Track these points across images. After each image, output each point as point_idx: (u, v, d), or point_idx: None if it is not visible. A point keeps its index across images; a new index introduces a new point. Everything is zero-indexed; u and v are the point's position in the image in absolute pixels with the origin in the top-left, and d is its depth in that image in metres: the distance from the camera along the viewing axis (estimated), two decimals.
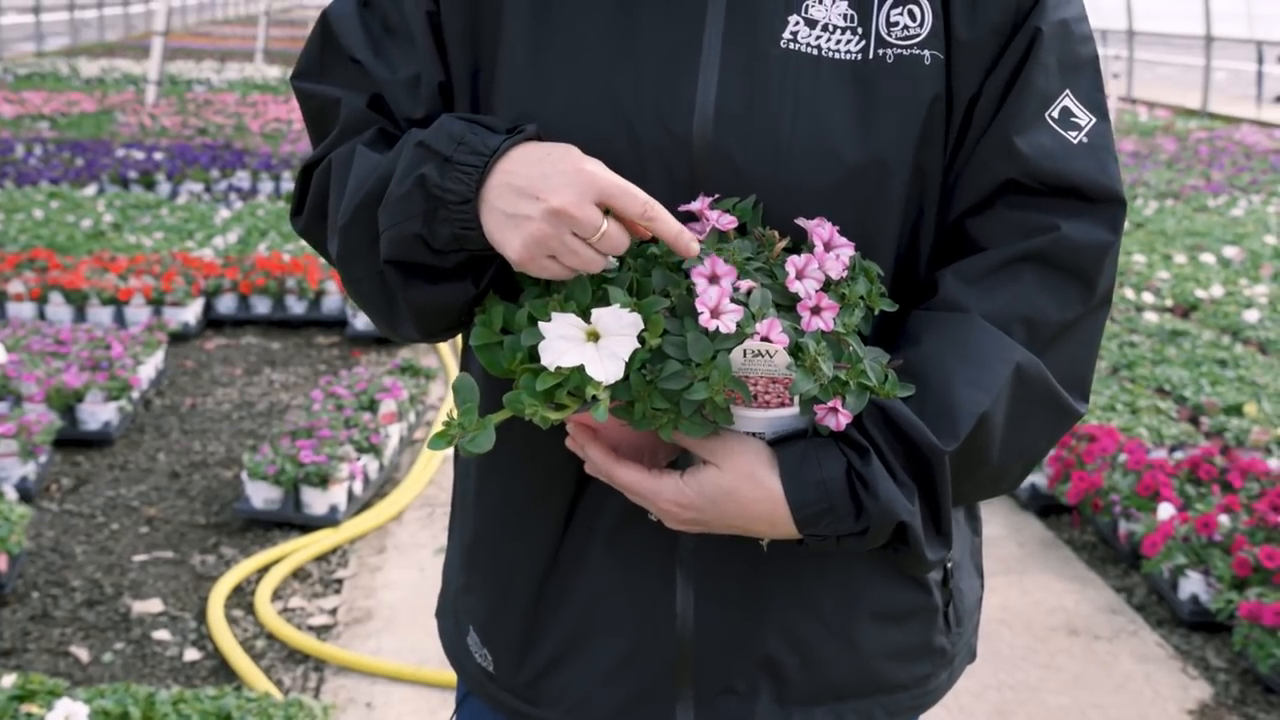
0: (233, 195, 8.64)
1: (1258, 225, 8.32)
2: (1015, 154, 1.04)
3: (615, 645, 1.11)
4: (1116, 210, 1.06)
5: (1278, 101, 16.54)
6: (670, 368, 0.96)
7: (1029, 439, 1.05)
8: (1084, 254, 1.05)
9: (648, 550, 1.09)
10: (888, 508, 0.98)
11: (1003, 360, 1.01)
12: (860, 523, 0.99)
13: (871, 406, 0.99)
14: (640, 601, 1.10)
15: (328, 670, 3.07)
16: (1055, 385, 1.04)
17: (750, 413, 0.98)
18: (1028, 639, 3.28)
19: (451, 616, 1.24)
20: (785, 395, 0.98)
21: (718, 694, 1.11)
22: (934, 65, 1.03)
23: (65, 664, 3.05)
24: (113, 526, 3.81)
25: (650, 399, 0.97)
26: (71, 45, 21.36)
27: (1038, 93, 1.04)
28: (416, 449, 4.46)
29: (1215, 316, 5.87)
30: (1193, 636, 3.29)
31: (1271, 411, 4.46)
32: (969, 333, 1.02)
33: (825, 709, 1.12)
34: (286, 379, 5.26)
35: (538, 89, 1.04)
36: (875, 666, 1.13)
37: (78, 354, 4.69)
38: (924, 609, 1.14)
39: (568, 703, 1.14)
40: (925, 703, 1.17)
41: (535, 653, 1.15)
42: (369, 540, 3.78)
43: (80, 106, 12.55)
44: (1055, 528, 3.94)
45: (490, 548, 1.17)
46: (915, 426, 0.98)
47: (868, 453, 0.98)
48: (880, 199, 1.03)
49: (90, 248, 6.50)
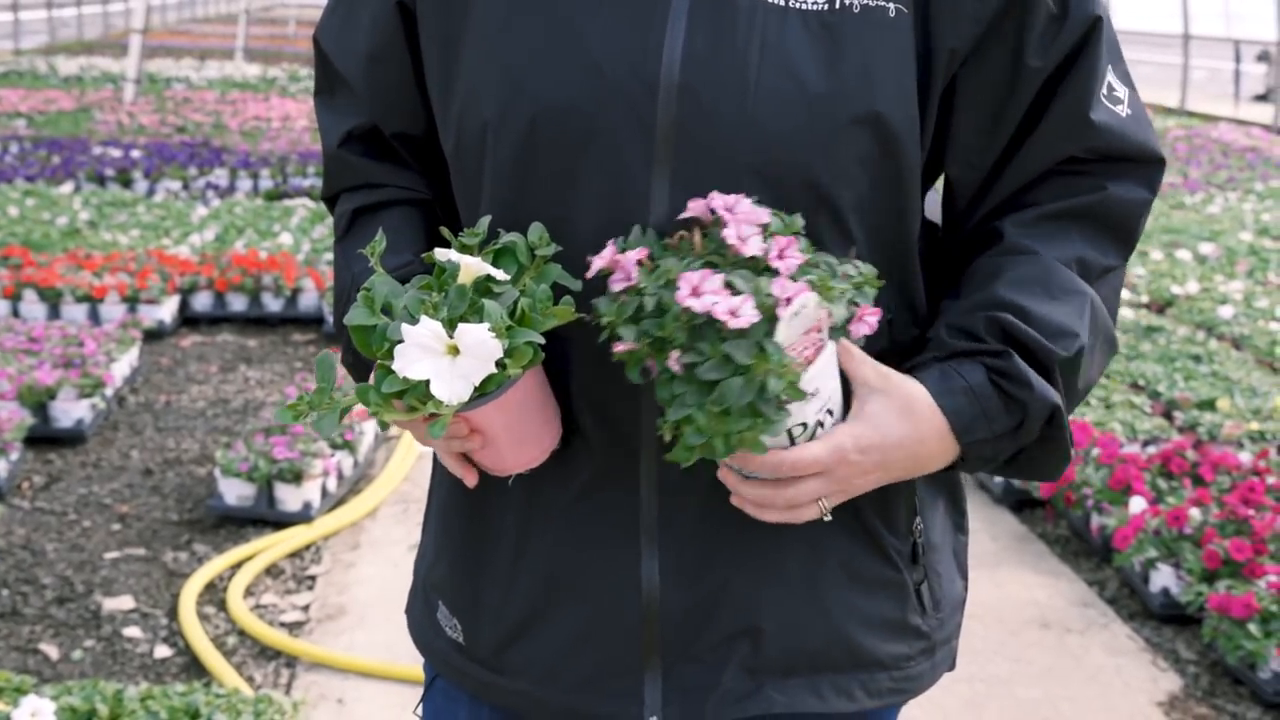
0: (210, 193, 8.61)
1: (1234, 222, 8.37)
2: (1089, 132, 1.11)
3: (580, 615, 1.12)
4: (1156, 169, 1.15)
5: (1255, 100, 16.65)
6: (729, 386, 0.94)
7: (1095, 370, 1.13)
8: (1127, 210, 1.13)
9: (612, 520, 1.10)
10: (1042, 395, 1.05)
11: (1083, 294, 1.10)
12: (1013, 417, 1.05)
13: (989, 322, 1.07)
14: (604, 572, 1.10)
15: (299, 666, 3.06)
16: (1110, 322, 1.14)
17: (804, 374, 0.98)
18: (1000, 632, 3.29)
19: (421, 598, 1.25)
20: (818, 340, 0.99)
21: (685, 664, 1.11)
22: (899, 18, 1.05)
23: (34, 661, 3.03)
24: (84, 524, 3.79)
25: (728, 424, 0.95)
26: (50, 43, 21.25)
27: (1098, 75, 1.10)
28: (391, 446, 4.46)
29: (1191, 313, 5.90)
30: (1163, 629, 3.31)
31: (1244, 406, 4.48)
32: (1048, 271, 1.10)
33: (800, 680, 1.12)
34: (262, 376, 5.24)
35: (509, 42, 1.07)
36: (848, 634, 1.12)
37: (50, 351, 4.66)
38: (893, 582, 1.14)
39: (535, 673, 1.14)
40: (905, 688, 1.17)
41: (502, 620, 1.15)
42: (343, 537, 3.77)
43: (58, 104, 12.50)
44: (1029, 522, 3.96)
45: (461, 515, 1.18)
46: (1032, 336, 1.06)
47: (1004, 354, 1.06)
48: (843, 140, 1.04)
49: (66, 245, 6.47)
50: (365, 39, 1.17)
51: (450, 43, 1.11)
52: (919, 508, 1.16)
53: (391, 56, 1.16)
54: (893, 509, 1.14)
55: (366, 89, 1.17)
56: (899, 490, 1.12)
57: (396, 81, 1.16)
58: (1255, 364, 5.14)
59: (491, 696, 1.18)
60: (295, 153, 9.70)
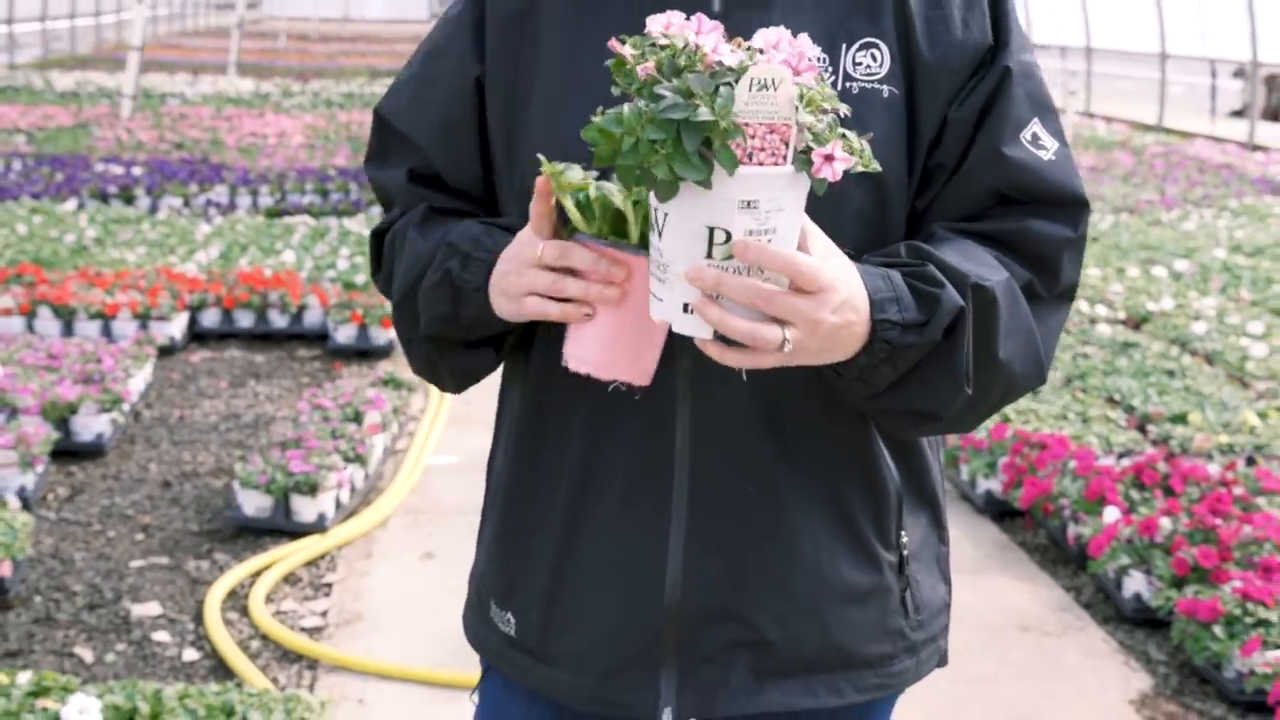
0: (212, 210, 8.78)
1: (1208, 239, 8.59)
2: (1001, 162, 1.22)
3: (613, 611, 1.26)
4: (1079, 211, 1.25)
5: (1232, 115, 16.93)
6: (670, 99, 0.96)
7: (1017, 354, 1.21)
8: (1044, 240, 1.23)
9: (646, 530, 1.24)
10: (951, 296, 1.14)
11: (1002, 271, 1.20)
12: (923, 311, 1.14)
13: (908, 248, 1.17)
14: (636, 576, 1.26)
15: (320, 669, 3.23)
16: (1034, 328, 1.23)
17: (748, 169, 0.98)
18: (983, 636, 3.48)
19: (475, 602, 1.40)
20: (781, 151, 0.99)
21: (698, 663, 1.26)
22: (891, 98, 1.22)
23: (70, 664, 3.21)
24: (109, 534, 3.96)
25: (644, 130, 0.96)
26: (44, 57, 21.35)
27: (1013, 118, 1.23)
28: (400, 458, 4.64)
29: (1165, 328, 6.11)
30: (1136, 632, 3.51)
31: (1214, 419, 4.69)
32: (969, 245, 1.21)
33: (798, 682, 1.27)
34: (271, 391, 5.41)
35: (571, 120, 1.16)
36: (841, 642, 1.28)
37: (70, 367, 4.83)
38: (880, 589, 1.29)
39: (572, 661, 1.30)
40: (891, 684, 1.31)
41: (548, 612, 1.30)
42: (356, 546, 3.95)
43: (56, 120, 12.64)
44: (1009, 531, 4.16)
45: (514, 514, 1.33)
46: (943, 260, 1.16)
47: (921, 264, 1.16)
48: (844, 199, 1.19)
49: (75, 262, 6.65)
50: (439, 110, 1.31)
51: (515, 112, 1.27)
52: (904, 523, 1.32)
53: (465, 125, 1.30)
54: (886, 524, 1.30)
55: (438, 153, 1.31)
56: (890, 509, 1.29)
57: (467, 147, 1.31)
58: (1226, 379, 5.35)
59: (538, 682, 1.33)
60: (293, 169, 9.87)
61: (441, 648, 3.27)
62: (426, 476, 4.47)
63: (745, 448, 1.24)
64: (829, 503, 1.26)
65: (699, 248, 1.02)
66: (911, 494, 1.32)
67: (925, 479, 1.35)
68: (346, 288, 6.28)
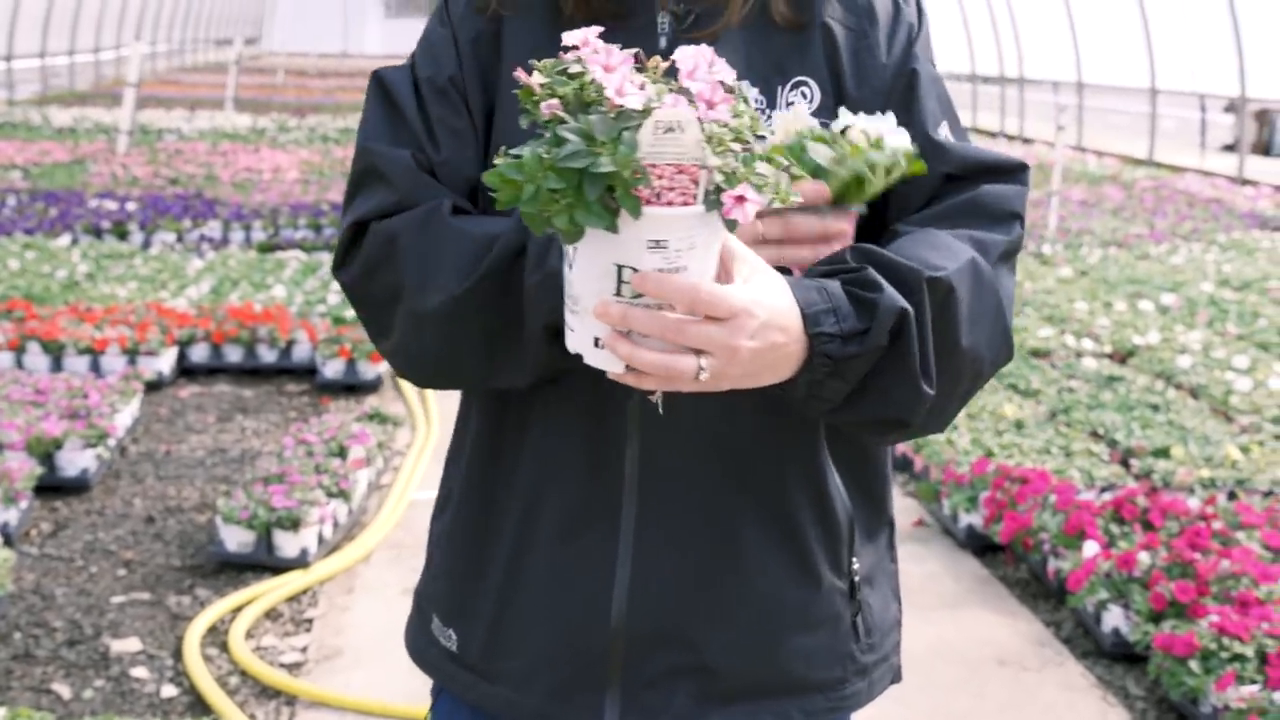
0: (205, 245, 8.83)
1: (1196, 273, 8.63)
2: (936, 146, 1.25)
3: (558, 631, 1.27)
4: (1022, 171, 1.29)
5: (1224, 150, 17.04)
6: (572, 146, 0.93)
7: (983, 338, 1.20)
8: (1002, 195, 1.26)
9: (593, 555, 1.25)
10: (891, 298, 1.10)
11: (961, 251, 1.19)
12: (862, 319, 1.10)
13: (854, 251, 1.15)
14: (582, 599, 1.27)
15: (299, 705, 3.24)
16: (1003, 301, 1.22)
17: (655, 210, 0.96)
18: (961, 670, 3.49)
19: (416, 614, 1.41)
20: (690, 190, 0.97)
21: (641, 688, 1.26)
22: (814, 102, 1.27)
23: (48, 701, 3.21)
24: (91, 569, 3.97)
25: (544, 178, 0.94)
26: (43, 93, 21.50)
27: (931, 110, 1.28)
28: (384, 493, 4.65)
29: (1151, 362, 6.13)
30: (1114, 667, 3.51)
31: (1197, 453, 4.71)
32: (928, 234, 1.21)
33: (742, 707, 1.27)
34: (258, 426, 5.43)
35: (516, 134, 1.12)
36: (789, 668, 1.29)
37: (56, 402, 4.85)
38: (830, 615, 1.29)
39: (515, 679, 1.30)
40: (841, 706, 1.31)
41: (492, 630, 1.31)
42: (338, 581, 3.95)
43: (52, 156, 12.71)
44: (990, 565, 4.17)
45: (464, 536, 1.34)
46: (893, 260, 1.14)
47: (861, 268, 1.13)
48: None
49: (66, 298, 6.68)
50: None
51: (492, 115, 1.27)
52: (856, 549, 1.33)
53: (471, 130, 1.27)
54: (838, 551, 1.31)
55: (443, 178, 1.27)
56: (842, 536, 1.30)
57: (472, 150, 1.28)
58: (1210, 413, 5.37)
59: (479, 699, 1.34)
60: (287, 204, 9.93)
61: (421, 682, 3.25)
62: (411, 511, 4.48)
63: (694, 476, 1.25)
64: (780, 531, 1.27)
65: (609, 284, 1.01)
66: (865, 519, 1.33)
67: (882, 504, 1.36)
68: (336, 322, 6.31)
